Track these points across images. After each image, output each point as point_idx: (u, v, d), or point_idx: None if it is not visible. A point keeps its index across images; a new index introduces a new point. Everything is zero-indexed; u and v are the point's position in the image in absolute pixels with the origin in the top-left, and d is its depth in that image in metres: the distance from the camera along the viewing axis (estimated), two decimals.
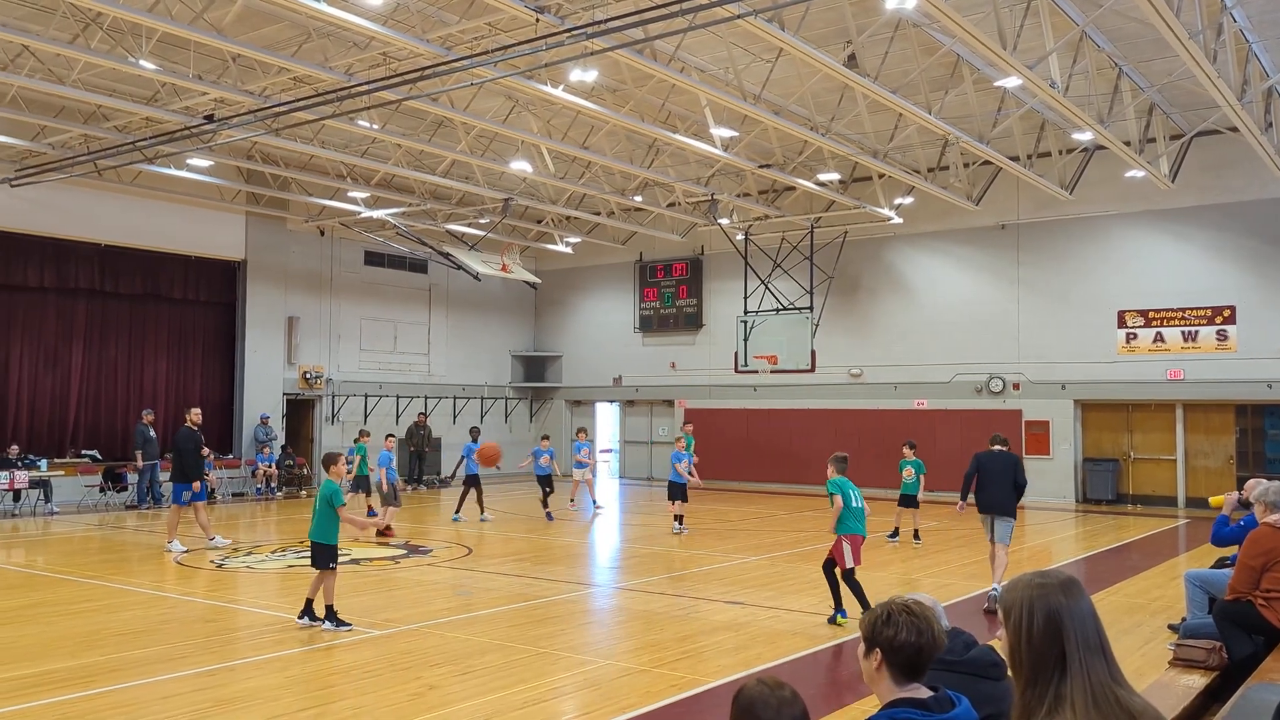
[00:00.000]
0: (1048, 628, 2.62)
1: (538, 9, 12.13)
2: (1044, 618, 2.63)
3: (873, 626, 2.90)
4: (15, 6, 14.88)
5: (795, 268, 26.19)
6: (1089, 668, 2.59)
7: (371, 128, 18.41)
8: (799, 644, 9.25)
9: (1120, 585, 12.58)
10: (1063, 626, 2.61)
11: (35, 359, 22.25)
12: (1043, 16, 14.01)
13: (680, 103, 19.04)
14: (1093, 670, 2.59)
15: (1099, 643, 2.62)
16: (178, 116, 17.38)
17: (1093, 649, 2.60)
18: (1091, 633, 2.62)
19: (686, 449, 18.46)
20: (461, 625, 9.96)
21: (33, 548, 16.19)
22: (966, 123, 18.39)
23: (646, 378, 30.53)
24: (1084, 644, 2.60)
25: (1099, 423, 23.78)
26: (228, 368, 25.68)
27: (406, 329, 29.49)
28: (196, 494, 15.40)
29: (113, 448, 23.03)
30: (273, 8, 14.31)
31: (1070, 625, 2.61)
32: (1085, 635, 2.61)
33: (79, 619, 10.21)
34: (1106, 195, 23.02)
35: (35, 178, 20.51)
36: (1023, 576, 2.76)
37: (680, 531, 17.60)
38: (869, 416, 26.04)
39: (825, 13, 14.63)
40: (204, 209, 24.39)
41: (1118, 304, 23.00)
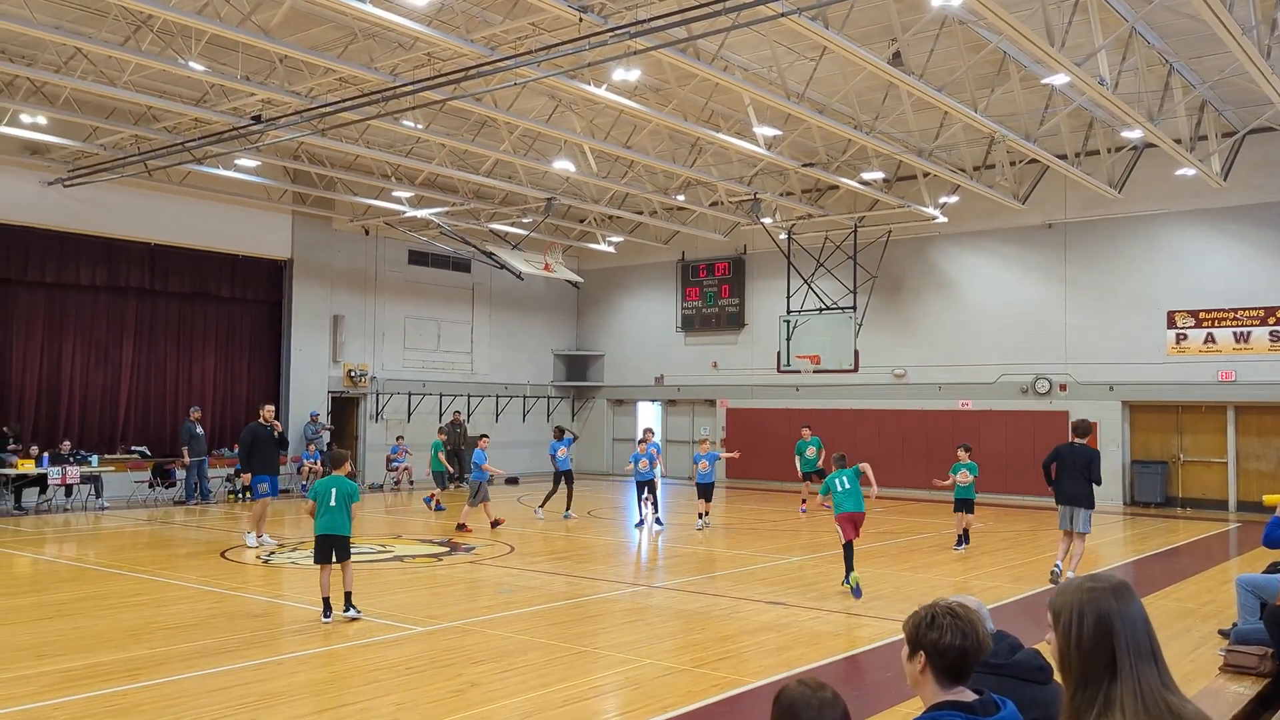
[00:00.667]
0: (1098, 632, 2.58)
1: (581, 8, 12.16)
2: (1094, 621, 2.59)
3: (917, 628, 2.87)
4: (69, 9, 15.17)
5: (838, 267, 26.02)
6: (1139, 673, 2.54)
7: (416, 128, 18.55)
8: (841, 645, 9.19)
9: (1170, 589, 12.37)
10: (1113, 631, 2.57)
11: (87, 356, 22.68)
12: (1091, 13, 13.80)
13: (723, 101, 18.99)
14: (1143, 676, 2.54)
15: (1150, 648, 2.58)
16: (226, 117, 17.63)
17: (1143, 654, 2.56)
18: (1143, 637, 2.58)
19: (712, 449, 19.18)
20: (503, 623, 10.00)
21: (84, 542, 16.50)
22: (1013, 121, 18.16)
23: (688, 377, 30.50)
24: (1134, 649, 2.56)
25: (1148, 424, 23.39)
26: (273, 366, 26.01)
27: (450, 328, 29.70)
28: (262, 490, 15.41)
29: (161, 444, 23.42)
30: (319, 9, 14.47)
31: (1121, 630, 2.57)
32: (1136, 640, 2.56)
33: (128, 612, 10.39)
34: (1156, 194, 22.64)
35: (87, 178, 20.91)
36: (1073, 580, 2.71)
37: (701, 527, 17.99)
38: (912, 417, 25.82)
39: (870, 10, 14.52)
40: (251, 209, 24.74)
41: (1167, 304, 22.62)
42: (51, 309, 22.15)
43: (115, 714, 6.87)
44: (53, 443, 20.94)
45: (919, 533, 18.13)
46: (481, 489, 17.30)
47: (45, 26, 14.26)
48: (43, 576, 13.17)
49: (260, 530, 15.17)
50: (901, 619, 3.02)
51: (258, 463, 15.34)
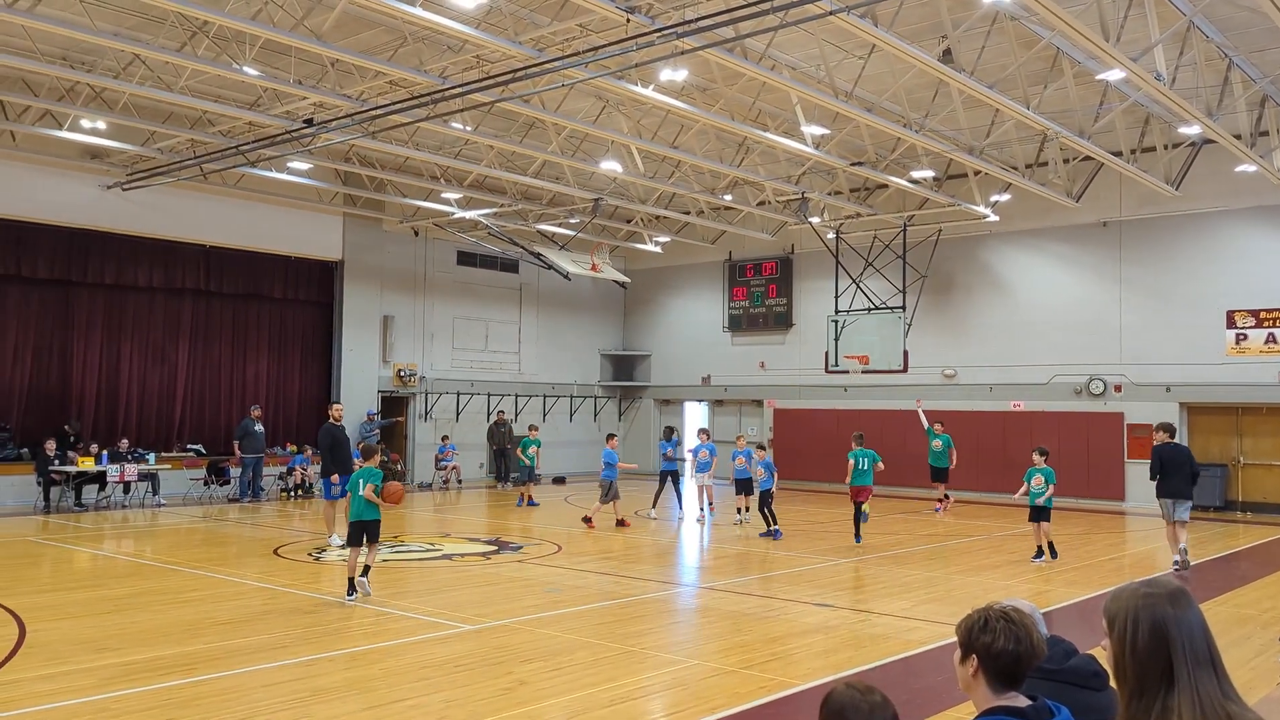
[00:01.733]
0: (1153, 638, 2.53)
1: (628, 9, 12.18)
2: (1149, 628, 2.54)
3: (969, 632, 2.84)
4: (127, 16, 15.48)
5: (887, 266, 25.79)
6: (1197, 682, 2.49)
7: (465, 129, 18.70)
8: (890, 648, 9.11)
9: (1229, 595, 12.12)
10: (1169, 637, 2.51)
11: (144, 356, 23.15)
12: (1147, 7, 13.54)
13: (771, 101, 18.92)
14: (1201, 684, 2.49)
15: (1209, 656, 2.52)
16: (279, 121, 17.89)
17: (1202, 662, 2.50)
18: (1200, 645, 2.52)
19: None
20: (551, 622, 10.05)
21: (141, 538, 16.83)
22: (1066, 117, 17.89)
23: (735, 377, 30.42)
24: (1192, 656, 2.50)
25: (1206, 426, 22.92)
26: (325, 366, 26.36)
27: (497, 328, 29.89)
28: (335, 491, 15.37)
29: (216, 442, 23.83)
30: (370, 13, 14.64)
31: (1177, 637, 2.51)
32: (1194, 647, 2.51)
33: (184, 608, 10.58)
34: (1215, 191, 22.17)
35: (145, 181, 21.33)
36: (1129, 585, 2.66)
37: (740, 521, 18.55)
38: (963, 418, 25.51)
39: (919, 8, 14.38)
40: (303, 211, 25.09)
41: (1226, 303, 22.13)
42: (110, 310, 22.63)
43: (173, 707, 7.00)
44: (111, 441, 21.40)
45: (968, 535, 17.92)
46: (613, 488, 17.91)
47: (104, 33, 14.58)
48: (102, 571, 13.46)
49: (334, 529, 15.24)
50: (952, 622, 2.99)
51: (338, 464, 15.35)
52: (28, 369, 21.49)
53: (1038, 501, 14.58)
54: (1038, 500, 14.58)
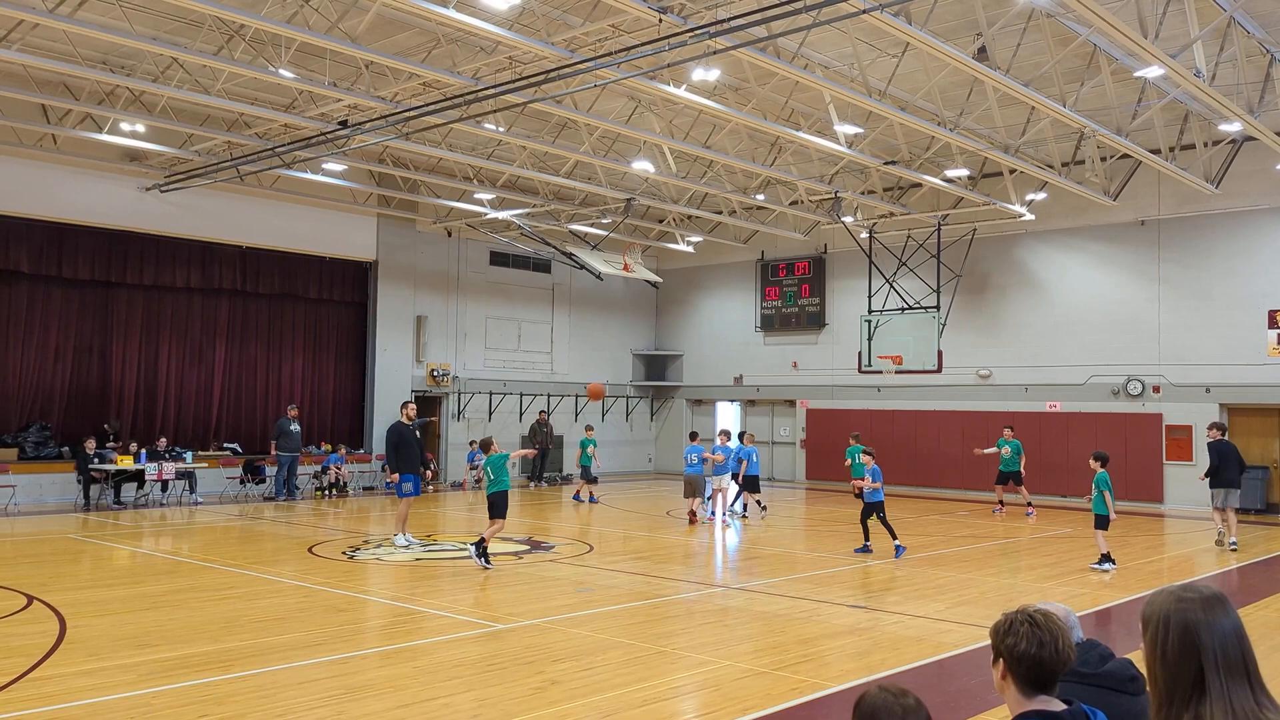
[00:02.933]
0: (1183, 644, 2.48)
1: (661, 9, 12.18)
2: (1179, 634, 2.50)
3: (996, 635, 2.83)
4: (166, 21, 15.68)
5: (921, 266, 25.61)
6: (1230, 691, 2.44)
7: (498, 130, 18.77)
8: (924, 650, 9.04)
9: (1270, 599, 11.92)
10: (1200, 644, 2.47)
11: (182, 356, 23.44)
12: (1186, 3, 13.37)
13: (803, 100, 18.84)
14: (1235, 694, 2.44)
15: (1242, 664, 2.47)
16: (314, 123, 18.05)
17: (1235, 670, 2.45)
18: (1234, 653, 2.47)
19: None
20: (583, 621, 10.06)
21: (179, 536, 17.04)
22: (1104, 115, 17.67)
23: (768, 377, 30.33)
24: (1225, 664, 2.45)
25: (1247, 428, 22.55)
26: (359, 365, 26.56)
27: (530, 328, 29.98)
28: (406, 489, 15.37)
29: (252, 442, 24.08)
30: (404, 15, 14.74)
31: (1209, 643, 2.46)
32: (1226, 655, 2.46)
33: (221, 605, 10.70)
34: (1256, 189, 21.83)
35: (183, 183, 21.61)
36: (1166, 589, 2.63)
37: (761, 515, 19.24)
38: (998, 419, 25.28)
39: (954, 5, 14.28)
40: (338, 211, 25.29)
41: (1268, 303, 21.77)
42: (149, 310, 22.93)
43: (209, 704, 7.08)
44: (150, 439, 21.68)
45: (1006, 537, 17.76)
46: (699, 482, 18.82)
47: (143, 38, 14.78)
48: (140, 569, 13.64)
49: (404, 529, 15.30)
50: (986, 624, 2.97)
51: (404, 462, 15.40)
52: (69, 368, 21.83)
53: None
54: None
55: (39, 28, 15.08)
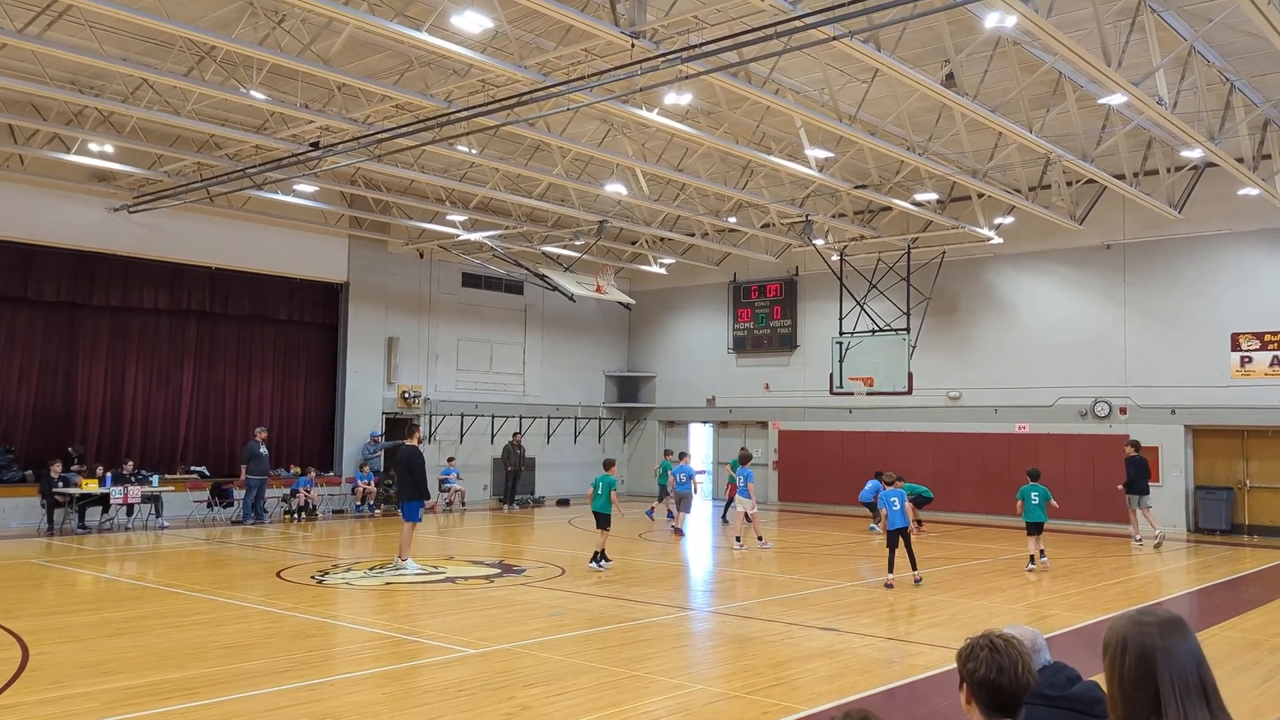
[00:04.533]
0: (1139, 669, 2.52)
1: (633, 35, 12.26)
2: (1136, 658, 2.54)
3: (959, 659, 2.88)
4: (136, 41, 15.60)
5: (891, 288, 25.82)
6: (1187, 713, 2.48)
7: (470, 152, 18.79)
8: (895, 673, 9.07)
9: (1235, 620, 12.05)
10: (1156, 668, 2.51)
11: (149, 378, 23.19)
12: (1148, 32, 13.62)
13: (775, 124, 19.00)
14: (1191, 716, 2.48)
15: (1200, 688, 2.51)
16: (285, 144, 18.00)
17: (1192, 694, 2.49)
18: (1191, 677, 2.51)
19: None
20: (555, 646, 10.01)
21: (144, 561, 16.81)
22: (1069, 141, 17.94)
23: (740, 399, 30.40)
24: (1181, 688, 2.49)
25: (1212, 449, 22.84)
26: (329, 387, 26.40)
27: (502, 349, 29.93)
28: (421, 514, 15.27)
29: (220, 464, 23.84)
30: (376, 38, 14.77)
31: (1165, 667, 2.50)
32: (1183, 679, 2.50)
33: (187, 631, 10.56)
34: (1218, 214, 22.20)
35: (151, 204, 21.46)
36: (1126, 613, 2.66)
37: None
38: (968, 440, 25.48)
39: (922, 32, 14.46)
40: (309, 233, 25.19)
41: (1231, 326, 22.11)
42: (116, 332, 22.69)
43: None
44: (116, 463, 21.41)
45: (976, 558, 17.86)
46: (687, 499, 20.26)
47: (113, 58, 14.70)
48: (105, 594, 13.45)
49: (406, 553, 15.07)
50: (956, 646, 3.00)
51: (420, 487, 15.17)
52: (33, 391, 21.54)
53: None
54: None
55: (7, 48, 14.97)
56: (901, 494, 14.40)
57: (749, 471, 18.81)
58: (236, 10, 14.17)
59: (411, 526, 15.09)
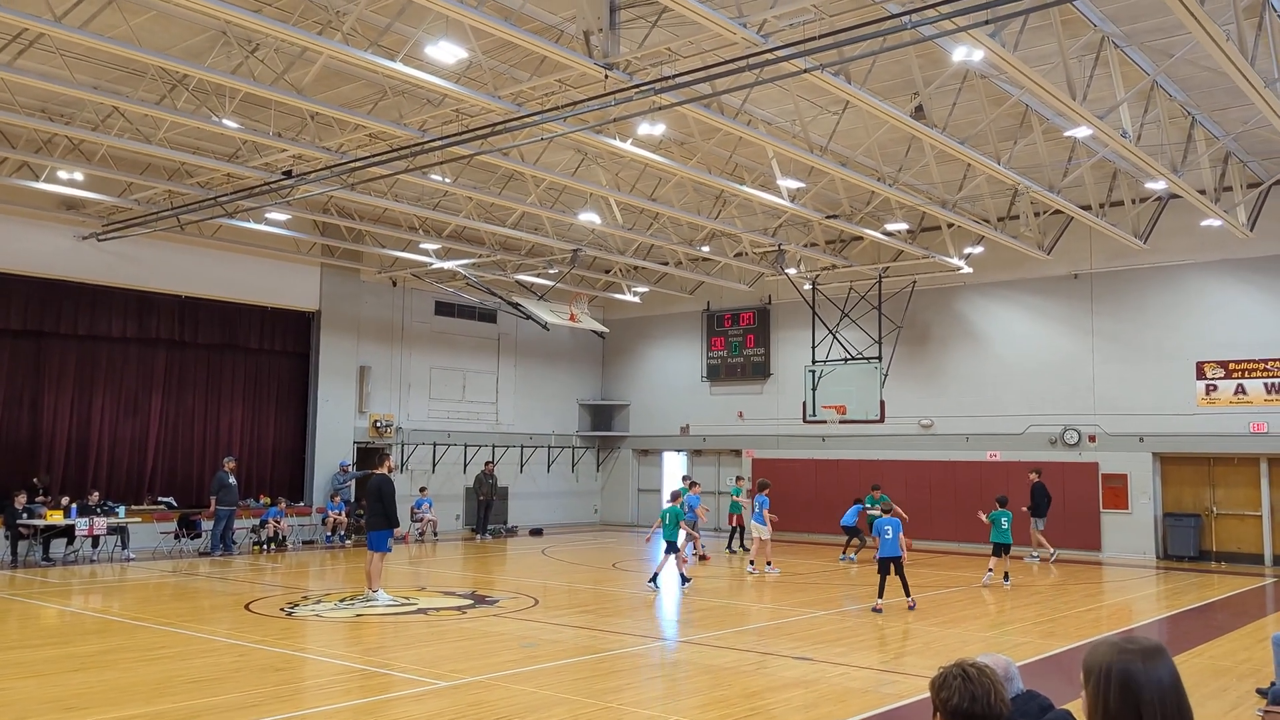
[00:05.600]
0: (1124, 696, 2.55)
1: (606, 66, 12.35)
2: (1120, 684, 2.57)
3: (932, 689, 2.90)
4: (107, 70, 15.55)
5: (863, 317, 26.00)
6: None
7: (444, 181, 18.80)
8: (869, 702, 9.06)
9: (1205, 647, 12.13)
10: (1140, 695, 2.54)
11: (116, 407, 22.90)
12: (1112, 67, 13.87)
13: (747, 154, 19.16)
14: None
15: (1179, 714, 2.54)
16: (257, 172, 17.94)
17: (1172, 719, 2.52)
18: (1171, 704, 2.55)
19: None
20: (527, 678, 9.93)
21: (109, 594, 16.56)
22: (1036, 172, 18.20)
23: (714, 427, 30.43)
24: (1164, 714, 2.52)
25: (1179, 476, 23.08)
26: (300, 416, 26.18)
27: (475, 378, 29.82)
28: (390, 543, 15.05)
29: (188, 495, 23.54)
30: (350, 68, 14.80)
31: (1148, 694, 2.54)
32: (1164, 706, 2.53)
33: (153, 665, 10.40)
34: (1182, 244, 22.55)
35: (121, 232, 21.28)
36: (1107, 639, 2.69)
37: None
38: (940, 468, 25.61)
39: (892, 65, 14.66)
40: (280, 261, 25.06)
41: (1196, 355, 22.41)
42: (83, 361, 22.42)
43: None
44: (81, 493, 21.09)
45: (949, 586, 17.90)
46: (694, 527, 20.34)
47: (84, 86, 14.64)
48: (69, 628, 13.22)
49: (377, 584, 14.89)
50: (931, 675, 3.02)
51: (389, 516, 14.96)
52: None
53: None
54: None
55: None
56: (896, 523, 14.84)
57: (765, 499, 19.22)
58: (209, 39, 14.15)
59: (380, 556, 14.92)
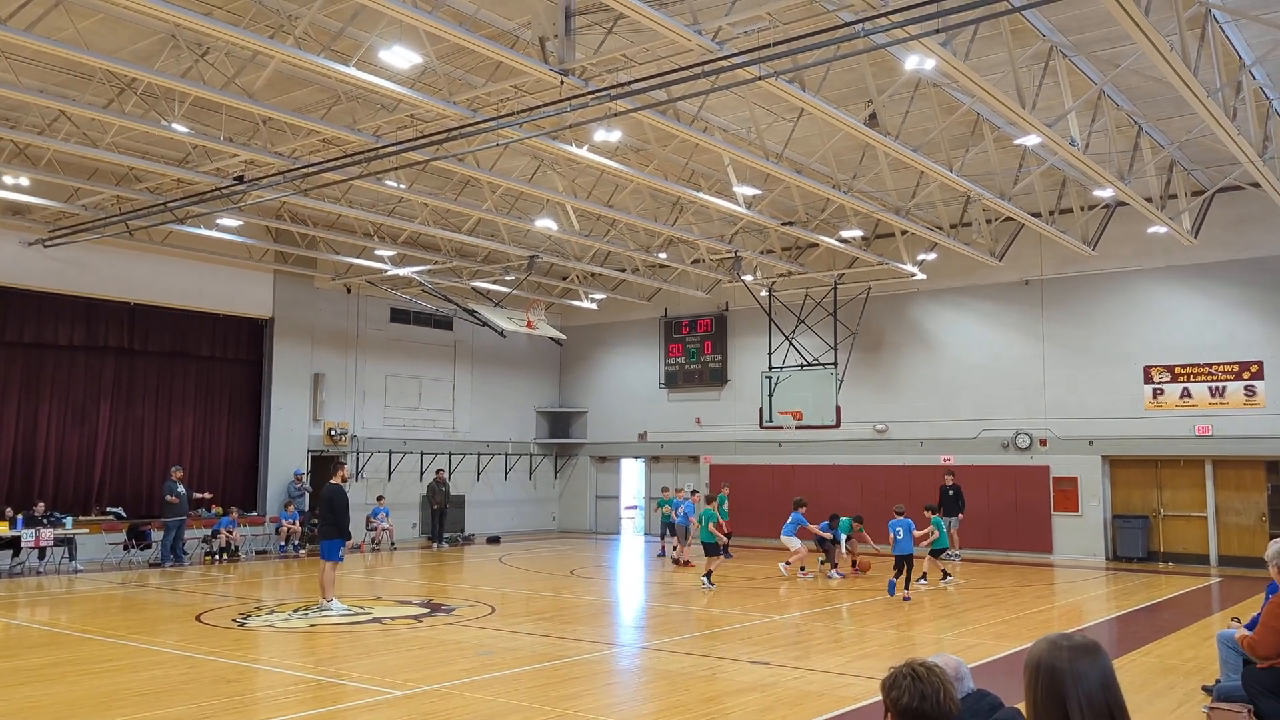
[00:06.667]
0: (1050, 691, 2.60)
1: (562, 72, 12.35)
2: (1048, 681, 2.62)
3: (883, 689, 2.94)
4: (54, 73, 15.28)
5: (819, 324, 26.19)
6: None
7: (399, 187, 18.69)
8: (825, 705, 9.11)
9: (1152, 646, 12.34)
10: (1065, 690, 2.59)
11: (63, 417, 22.47)
12: (1060, 76, 14.12)
13: (703, 161, 19.24)
14: None
15: (1107, 711, 2.59)
16: (208, 178, 17.72)
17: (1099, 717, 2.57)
18: (1099, 701, 2.59)
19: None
20: (484, 686, 9.88)
21: (56, 606, 16.23)
22: (988, 180, 18.46)
23: (672, 434, 30.47)
24: (1090, 710, 2.57)
25: (1128, 479, 23.48)
26: (253, 425, 25.85)
27: (431, 385, 29.63)
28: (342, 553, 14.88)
29: (138, 505, 23.14)
30: (303, 72, 14.67)
31: (1073, 690, 2.58)
32: (1092, 702, 2.58)
33: (101, 679, 10.21)
34: (1129, 251, 22.97)
35: (68, 238, 20.90)
36: (1047, 636, 2.74)
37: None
38: (895, 472, 25.84)
39: (845, 73, 14.81)
40: (233, 268, 24.75)
41: (1143, 359, 22.83)
42: (28, 369, 21.98)
43: None
44: (27, 504, 20.66)
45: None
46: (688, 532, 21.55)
47: (30, 90, 14.38)
48: (14, 641, 12.93)
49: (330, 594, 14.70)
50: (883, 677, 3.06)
51: (341, 526, 14.77)
52: None
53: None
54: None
55: None
56: (908, 524, 16.62)
57: (800, 516, 19.33)
58: (158, 42, 13.97)
59: (333, 566, 14.77)
